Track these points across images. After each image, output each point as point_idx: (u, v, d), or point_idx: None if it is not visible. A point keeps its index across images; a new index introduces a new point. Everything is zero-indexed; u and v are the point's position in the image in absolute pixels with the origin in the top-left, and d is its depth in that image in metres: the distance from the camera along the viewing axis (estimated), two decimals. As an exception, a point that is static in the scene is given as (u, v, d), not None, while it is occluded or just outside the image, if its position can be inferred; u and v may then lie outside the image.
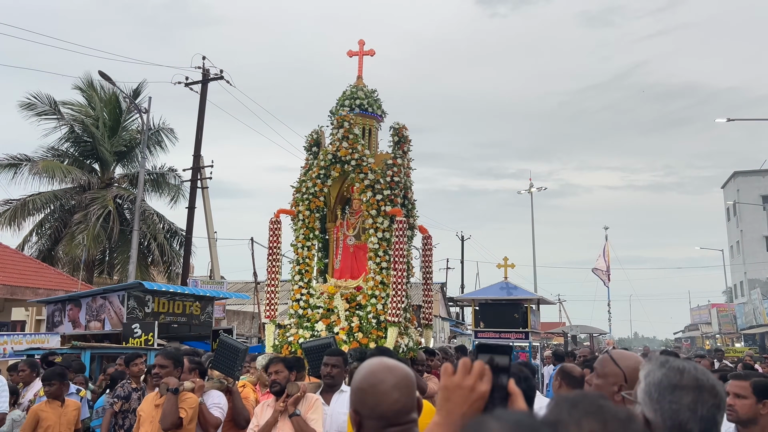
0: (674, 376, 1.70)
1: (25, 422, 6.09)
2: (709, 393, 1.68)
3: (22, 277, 16.78)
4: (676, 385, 1.68)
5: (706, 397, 1.67)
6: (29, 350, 11.20)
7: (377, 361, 1.94)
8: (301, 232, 8.26)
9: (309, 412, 4.63)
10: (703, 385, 1.69)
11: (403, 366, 1.92)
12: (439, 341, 32.15)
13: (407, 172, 8.71)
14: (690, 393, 1.67)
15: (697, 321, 57.50)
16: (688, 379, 1.69)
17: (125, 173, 25.71)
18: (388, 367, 1.88)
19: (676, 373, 1.71)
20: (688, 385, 1.68)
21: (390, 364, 1.92)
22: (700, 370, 1.73)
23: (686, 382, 1.69)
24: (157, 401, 5.07)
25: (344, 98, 8.79)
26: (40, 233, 23.76)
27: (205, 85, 22.41)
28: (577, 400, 1.31)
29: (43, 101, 23.58)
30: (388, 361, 1.94)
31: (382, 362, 1.93)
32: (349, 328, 7.54)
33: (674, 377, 1.70)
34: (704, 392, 1.68)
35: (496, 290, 15.39)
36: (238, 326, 22.83)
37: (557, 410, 1.30)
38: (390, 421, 1.81)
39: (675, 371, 1.71)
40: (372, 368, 1.90)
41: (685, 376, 1.70)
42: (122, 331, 12.29)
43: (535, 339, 16.08)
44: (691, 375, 1.70)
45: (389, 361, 1.95)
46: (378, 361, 1.93)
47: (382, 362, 1.93)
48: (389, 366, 1.89)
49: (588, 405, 1.28)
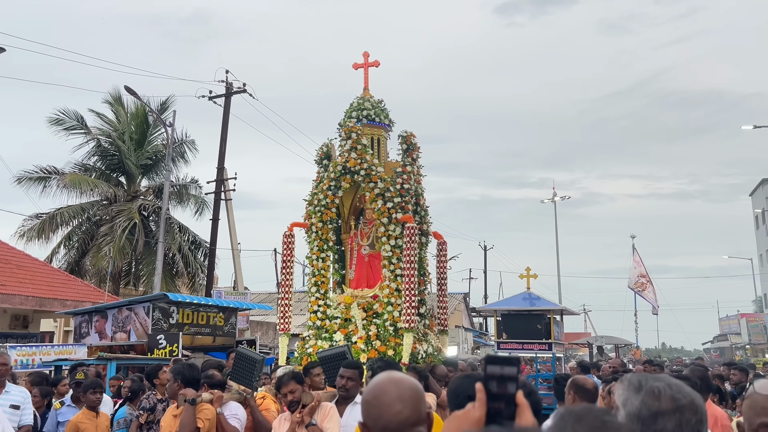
0: (652, 403, 1.68)
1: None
2: (690, 411, 1.67)
3: (51, 289, 17.11)
4: (657, 413, 1.67)
5: (688, 416, 1.66)
6: (57, 361, 11.41)
7: (385, 374, 1.98)
8: (315, 244, 8.36)
9: (325, 421, 4.66)
10: (683, 405, 1.67)
11: (409, 379, 1.95)
12: (462, 352, 31.98)
13: (418, 179, 8.77)
14: (672, 417, 1.66)
15: (726, 331, 56.39)
16: (666, 403, 1.67)
17: (150, 185, 26.13)
18: (392, 380, 1.91)
19: (653, 399, 1.69)
20: (668, 409, 1.67)
21: (395, 377, 1.95)
22: (674, 387, 1.71)
23: (665, 406, 1.67)
24: (174, 412, 5.14)
25: (351, 110, 8.93)
26: (68, 246, 24.22)
27: (228, 98, 22.72)
28: (581, 414, 1.31)
29: (70, 117, 24.14)
30: (395, 375, 1.98)
31: (389, 375, 1.97)
32: (367, 336, 7.60)
33: (653, 404, 1.68)
34: (685, 412, 1.67)
35: (519, 301, 15.32)
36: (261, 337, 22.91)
37: (561, 424, 1.30)
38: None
39: (652, 396, 1.69)
40: (377, 381, 1.94)
41: (662, 401, 1.68)
42: (147, 342, 12.47)
43: (558, 350, 15.94)
44: (668, 396, 1.68)
45: (396, 374, 1.99)
46: (385, 375, 1.97)
47: (389, 375, 1.97)
48: (394, 379, 1.93)
49: (592, 420, 1.28)
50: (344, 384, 5.02)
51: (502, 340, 14.91)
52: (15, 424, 5.89)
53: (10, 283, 15.85)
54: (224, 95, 22.71)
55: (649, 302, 27.76)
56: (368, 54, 9.57)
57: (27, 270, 17.37)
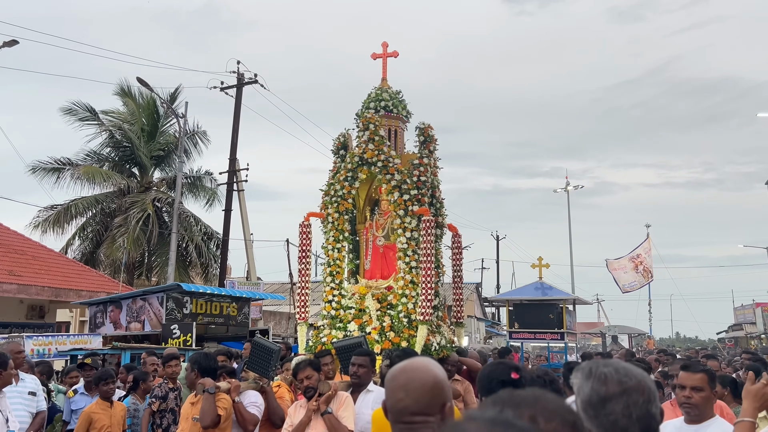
0: (600, 388, 1.74)
1: (78, 424, 6.26)
2: (637, 392, 1.72)
3: (66, 279, 17.27)
4: (604, 398, 1.72)
5: (635, 398, 1.71)
6: (72, 351, 11.53)
7: (406, 362, 2.02)
8: (330, 235, 8.36)
9: (340, 410, 4.73)
10: (629, 387, 1.72)
11: (425, 371, 1.94)
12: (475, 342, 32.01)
13: (434, 171, 8.73)
14: (619, 400, 1.71)
15: (741, 320, 55.92)
16: (613, 387, 1.73)
17: (163, 177, 26.27)
18: (405, 369, 1.95)
19: (600, 384, 1.74)
20: (615, 393, 1.72)
21: (412, 365, 1.97)
22: (622, 370, 1.76)
23: (612, 390, 1.72)
24: (192, 400, 5.26)
25: (369, 100, 8.88)
26: (82, 237, 24.42)
27: (240, 89, 22.72)
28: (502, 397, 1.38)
29: (82, 108, 24.27)
30: (412, 363, 1.99)
31: (406, 363, 2.00)
32: (381, 327, 7.60)
33: (600, 389, 1.73)
34: (632, 394, 1.72)
35: (531, 290, 15.24)
36: (274, 327, 23.05)
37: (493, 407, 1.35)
38: (395, 417, 1.90)
39: (599, 382, 1.75)
40: (396, 367, 1.99)
41: (609, 385, 1.73)
42: (161, 332, 12.57)
43: (571, 340, 15.88)
44: (614, 381, 1.74)
45: (414, 363, 2.00)
46: (405, 363, 2.01)
47: (406, 363, 2.00)
48: (408, 367, 1.96)
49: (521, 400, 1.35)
50: (356, 371, 5.06)
51: (514, 330, 14.87)
52: (33, 410, 6.01)
53: (26, 274, 16.01)
54: (236, 86, 22.72)
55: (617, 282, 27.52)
56: (387, 44, 9.47)
57: (42, 261, 17.54)
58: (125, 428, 6.55)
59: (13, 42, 16.53)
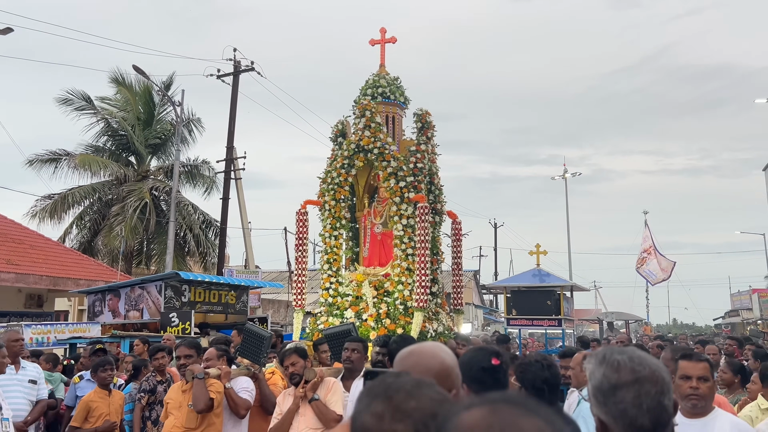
0: (612, 375, 1.71)
1: (77, 412, 6.26)
2: (650, 382, 1.69)
3: (64, 268, 17.28)
4: (615, 385, 1.69)
5: (648, 388, 1.68)
6: (71, 339, 11.57)
7: (419, 344, 2.06)
8: (328, 222, 8.37)
9: (329, 395, 4.72)
10: (642, 377, 1.69)
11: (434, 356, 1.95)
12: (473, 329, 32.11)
13: (432, 158, 8.71)
14: (630, 389, 1.68)
15: (737, 307, 56.14)
16: (625, 375, 1.69)
17: (160, 165, 26.21)
18: (414, 351, 1.97)
19: (612, 371, 1.71)
20: (627, 381, 1.69)
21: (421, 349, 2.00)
22: (636, 359, 1.73)
23: (624, 378, 1.69)
24: (183, 387, 5.23)
25: (367, 87, 8.84)
26: (80, 226, 24.41)
27: (236, 77, 22.63)
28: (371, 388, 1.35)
29: (78, 97, 24.17)
30: (423, 347, 2.03)
31: (419, 346, 2.03)
32: (377, 314, 7.63)
33: (612, 376, 1.71)
34: (645, 383, 1.68)
35: (528, 277, 15.28)
36: (272, 315, 23.13)
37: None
38: None
39: (612, 369, 1.72)
40: (406, 349, 2.01)
41: (621, 373, 1.70)
42: (160, 321, 12.61)
43: (568, 326, 15.96)
44: (627, 369, 1.70)
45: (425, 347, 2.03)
46: (418, 345, 2.04)
47: (419, 346, 2.03)
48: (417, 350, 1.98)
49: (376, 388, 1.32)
50: (348, 356, 5.09)
51: (511, 317, 14.92)
52: (33, 398, 6.03)
53: (24, 263, 16.03)
54: (232, 74, 22.63)
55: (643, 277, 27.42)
56: (385, 30, 9.41)
57: (40, 250, 17.55)
58: (122, 416, 6.56)
59: (8, 29, 16.41)
